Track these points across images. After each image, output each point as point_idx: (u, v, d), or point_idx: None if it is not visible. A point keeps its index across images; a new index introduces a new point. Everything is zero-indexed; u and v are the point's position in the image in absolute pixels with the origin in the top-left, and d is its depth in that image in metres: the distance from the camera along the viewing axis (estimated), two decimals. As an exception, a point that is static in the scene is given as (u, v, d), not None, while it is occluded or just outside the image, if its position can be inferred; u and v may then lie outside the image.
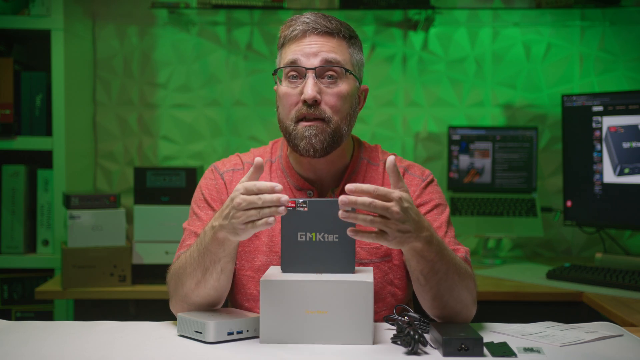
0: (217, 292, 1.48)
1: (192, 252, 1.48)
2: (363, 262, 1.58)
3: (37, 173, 2.77)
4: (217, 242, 1.41)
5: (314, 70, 1.53)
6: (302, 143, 1.53)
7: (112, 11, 3.04)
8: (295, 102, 1.54)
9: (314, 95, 1.51)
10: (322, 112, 1.53)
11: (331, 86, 1.54)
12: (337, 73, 1.55)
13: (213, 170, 1.68)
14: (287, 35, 1.57)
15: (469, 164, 2.97)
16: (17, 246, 2.74)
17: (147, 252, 2.50)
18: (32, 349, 1.34)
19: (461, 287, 1.46)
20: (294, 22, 1.57)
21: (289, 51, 1.56)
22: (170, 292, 1.55)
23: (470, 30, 3.05)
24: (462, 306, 1.47)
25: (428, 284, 1.43)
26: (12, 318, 2.76)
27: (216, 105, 3.08)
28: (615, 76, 3.03)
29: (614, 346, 1.38)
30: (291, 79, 1.55)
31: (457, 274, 1.45)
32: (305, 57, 1.54)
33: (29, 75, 2.73)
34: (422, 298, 1.48)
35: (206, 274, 1.45)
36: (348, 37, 1.59)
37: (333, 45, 1.55)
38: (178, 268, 1.52)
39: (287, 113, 1.55)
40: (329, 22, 1.56)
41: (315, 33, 1.55)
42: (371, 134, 3.06)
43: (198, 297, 1.49)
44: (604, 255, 2.62)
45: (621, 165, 2.58)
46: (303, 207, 1.40)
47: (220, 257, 1.43)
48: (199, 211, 1.64)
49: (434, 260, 1.40)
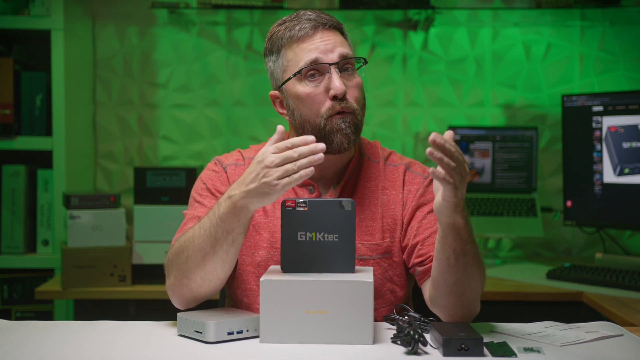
0: (223, 268, 1.46)
1: (203, 224, 1.45)
2: (363, 259, 1.58)
3: (37, 173, 2.77)
4: (234, 212, 1.40)
5: (337, 64, 1.53)
6: (339, 135, 1.53)
7: (112, 11, 3.04)
8: (323, 100, 1.53)
9: (343, 88, 1.51)
10: (351, 104, 1.54)
11: (351, 79, 1.56)
12: (352, 66, 1.57)
13: (216, 162, 1.67)
14: (293, 35, 1.55)
15: (469, 164, 2.96)
16: (17, 246, 2.74)
17: (147, 252, 2.50)
18: (32, 349, 1.34)
19: (478, 279, 1.45)
20: (297, 21, 1.56)
21: (300, 50, 1.54)
22: (169, 270, 1.52)
23: (470, 30, 3.05)
24: (474, 298, 1.46)
25: (457, 264, 1.40)
26: (12, 318, 2.76)
27: (216, 105, 3.08)
28: (615, 76, 3.03)
29: (614, 346, 1.38)
30: (311, 77, 1.54)
31: (479, 262, 1.44)
32: (323, 54, 1.53)
33: (29, 75, 2.73)
34: (444, 282, 1.43)
35: (216, 245, 1.43)
36: (345, 33, 1.62)
37: (341, 39, 1.58)
38: (183, 242, 1.49)
39: (316, 112, 1.54)
40: (330, 17, 1.58)
41: (325, 28, 1.56)
42: (371, 134, 3.06)
43: (202, 272, 1.45)
44: (604, 255, 2.62)
45: (621, 165, 2.58)
46: (303, 207, 1.40)
47: (234, 227, 1.41)
48: (200, 199, 1.62)
49: (467, 240, 1.39)
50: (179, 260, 1.49)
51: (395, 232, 1.61)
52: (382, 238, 1.60)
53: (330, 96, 1.52)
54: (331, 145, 1.53)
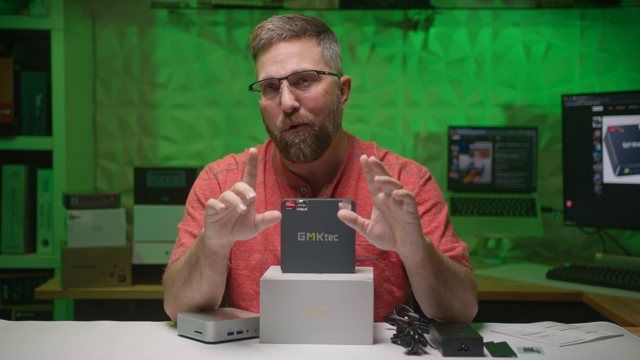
0: (202, 296, 1.46)
1: (186, 252, 1.49)
2: (360, 260, 1.58)
3: (37, 173, 2.77)
4: (199, 240, 1.41)
5: (286, 79, 1.52)
6: (292, 150, 1.54)
7: (112, 11, 3.04)
8: (277, 114, 1.55)
9: (291, 104, 1.51)
10: (303, 117, 1.53)
11: (307, 89, 1.53)
12: (311, 76, 1.54)
13: (207, 170, 1.69)
14: (255, 45, 1.57)
15: (469, 164, 2.97)
16: (17, 246, 2.74)
17: (147, 252, 2.50)
18: (32, 349, 1.34)
19: (464, 287, 1.46)
20: (260, 31, 1.56)
21: (260, 63, 1.56)
22: (164, 292, 1.56)
23: (470, 30, 3.05)
24: (465, 306, 1.48)
25: (438, 284, 1.41)
26: (12, 318, 2.76)
27: (216, 105, 3.08)
28: (615, 76, 3.03)
29: (614, 346, 1.38)
30: (269, 90, 1.56)
31: (456, 271, 1.46)
32: (275, 68, 1.53)
33: (29, 75, 2.73)
34: (429, 305, 1.45)
35: (191, 272, 1.45)
36: (317, 34, 1.56)
37: (301, 48, 1.53)
38: (172, 266, 1.53)
39: (273, 125, 1.56)
40: (293, 25, 1.54)
41: (282, 39, 1.53)
42: (371, 134, 3.06)
43: (185, 298, 1.48)
44: (604, 255, 2.62)
45: (621, 165, 2.58)
46: (303, 207, 1.40)
47: (199, 258, 1.41)
48: (192, 212, 1.64)
49: (439, 255, 1.41)
50: (168, 284, 1.53)
51: None
52: None
53: (282, 110, 1.53)
54: (289, 157, 1.55)
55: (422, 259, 1.36)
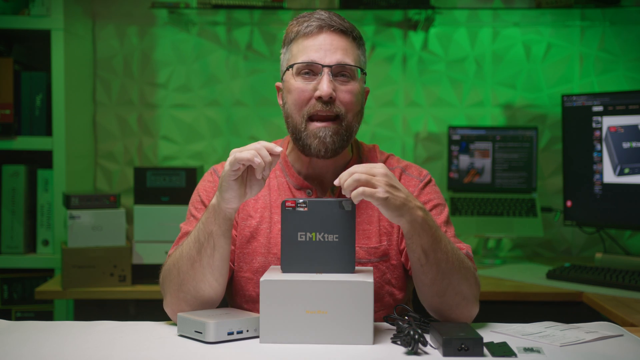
0: (213, 275, 1.47)
1: (191, 234, 1.50)
2: (361, 262, 1.58)
3: (37, 173, 2.77)
4: (211, 211, 1.44)
5: (330, 68, 1.54)
6: (315, 142, 1.54)
7: (112, 11, 3.04)
8: (308, 99, 1.55)
9: (330, 91, 1.52)
10: (337, 108, 1.54)
11: (345, 84, 1.55)
12: (350, 72, 1.56)
13: (212, 172, 1.69)
14: (300, 30, 1.57)
15: (469, 164, 2.97)
16: (17, 246, 2.74)
17: (147, 252, 2.50)
18: (32, 349, 1.34)
19: (460, 277, 1.45)
20: (307, 18, 1.58)
21: (302, 47, 1.56)
22: (164, 288, 1.54)
23: (470, 30, 3.05)
24: (461, 299, 1.46)
25: (428, 262, 1.42)
26: (12, 318, 2.76)
27: (216, 105, 3.08)
28: (615, 76, 3.03)
29: (614, 346, 1.38)
30: (304, 75, 1.56)
31: (457, 260, 1.45)
32: (320, 55, 1.54)
33: (29, 75, 2.73)
34: (421, 283, 1.47)
35: (201, 249, 1.46)
36: (359, 39, 1.61)
37: (346, 45, 1.57)
38: (174, 258, 1.52)
39: (298, 109, 1.56)
40: (343, 21, 1.58)
41: (331, 30, 1.56)
42: (371, 134, 3.06)
43: (194, 280, 1.47)
44: (604, 255, 2.62)
45: (621, 165, 2.58)
46: (303, 207, 1.40)
47: (212, 229, 1.44)
48: (195, 213, 1.64)
49: (434, 234, 1.42)
50: (171, 275, 1.51)
51: (392, 235, 1.62)
52: (379, 241, 1.60)
53: (316, 96, 1.54)
54: (309, 149, 1.55)
55: (408, 230, 1.41)
